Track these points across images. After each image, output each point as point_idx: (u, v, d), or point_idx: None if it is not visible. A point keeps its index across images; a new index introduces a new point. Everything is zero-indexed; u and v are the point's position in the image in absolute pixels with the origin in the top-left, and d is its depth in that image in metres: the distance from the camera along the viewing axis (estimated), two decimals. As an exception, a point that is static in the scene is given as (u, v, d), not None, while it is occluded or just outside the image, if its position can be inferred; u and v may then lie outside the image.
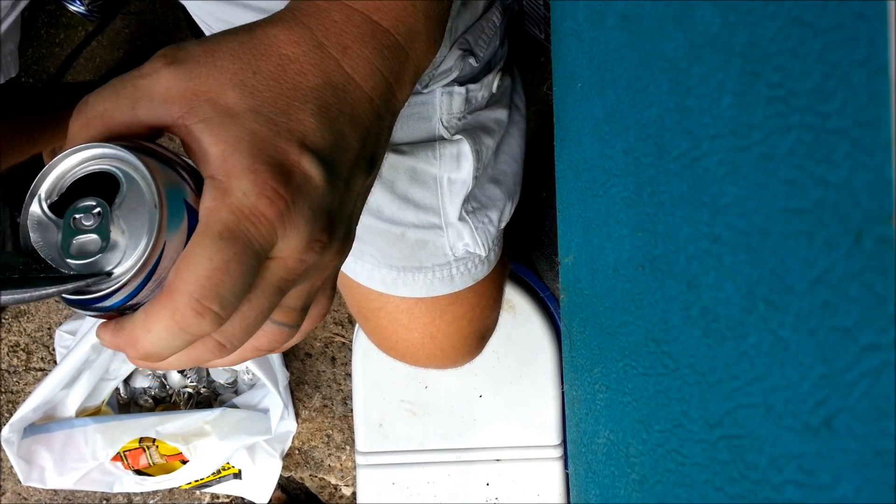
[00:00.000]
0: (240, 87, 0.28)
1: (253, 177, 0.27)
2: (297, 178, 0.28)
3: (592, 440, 0.44)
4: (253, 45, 0.29)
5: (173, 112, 0.28)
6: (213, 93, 0.28)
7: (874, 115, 0.18)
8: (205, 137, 0.28)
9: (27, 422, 0.93)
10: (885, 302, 0.18)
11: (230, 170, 0.27)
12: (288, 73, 0.29)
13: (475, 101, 0.53)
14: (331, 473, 1.10)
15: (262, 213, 0.27)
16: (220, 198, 0.27)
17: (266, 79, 0.29)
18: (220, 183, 0.27)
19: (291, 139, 0.28)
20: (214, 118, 0.28)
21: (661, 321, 0.32)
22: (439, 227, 0.55)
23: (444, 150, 0.53)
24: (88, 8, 1.00)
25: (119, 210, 0.27)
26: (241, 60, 0.29)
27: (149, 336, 0.27)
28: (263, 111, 0.28)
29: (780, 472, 0.23)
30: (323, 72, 0.30)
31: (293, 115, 0.29)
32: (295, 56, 0.29)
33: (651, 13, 0.31)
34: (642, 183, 0.34)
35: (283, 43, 0.30)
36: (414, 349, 0.63)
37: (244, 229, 0.27)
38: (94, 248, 0.27)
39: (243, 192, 0.27)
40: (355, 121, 0.31)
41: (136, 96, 0.28)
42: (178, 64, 0.28)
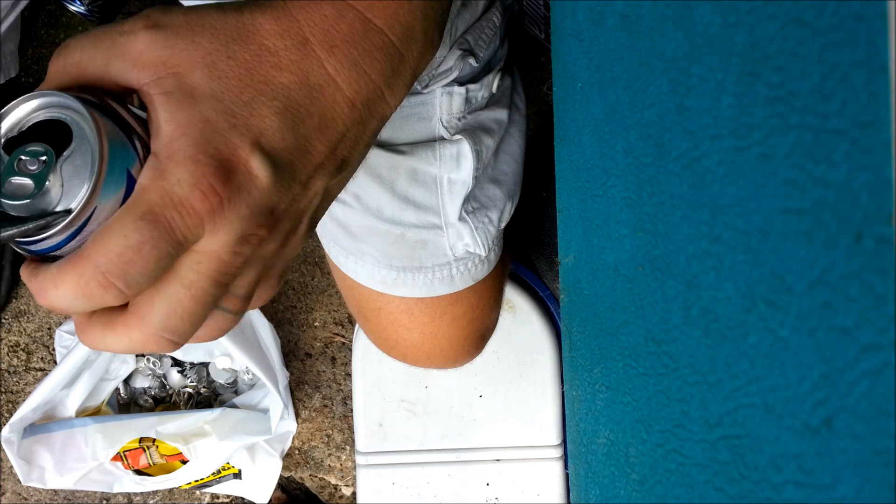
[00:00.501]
0: (209, 69, 0.27)
1: (192, 167, 0.26)
2: (239, 177, 0.27)
3: (592, 440, 0.44)
4: (235, 28, 0.28)
5: (141, 77, 0.28)
6: (181, 67, 0.27)
7: (874, 116, 0.18)
8: (161, 112, 0.27)
9: (27, 422, 0.93)
10: (884, 302, 0.18)
11: (173, 153, 0.27)
12: (263, 65, 0.28)
13: (475, 101, 0.53)
14: (331, 473, 1.10)
15: (191, 205, 0.26)
16: (154, 178, 0.27)
17: (238, 66, 0.28)
18: (160, 163, 0.27)
19: (245, 135, 0.27)
20: (175, 94, 0.27)
21: (661, 321, 0.32)
22: (439, 227, 0.55)
23: (444, 151, 0.53)
24: (88, 8, 1.00)
25: (64, 162, 0.27)
26: (219, 41, 0.28)
27: (55, 291, 0.27)
28: (225, 100, 0.27)
29: (780, 472, 0.23)
30: (301, 69, 0.29)
31: (255, 110, 0.28)
32: (275, 48, 0.28)
33: (651, 13, 0.31)
34: (642, 183, 0.34)
35: (266, 32, 0.28)
36: (414, 349, 0.63)
37: (168, 216, 0.26)
38: (28, 192, 0.27)
39: (178, 179, 0.26)
40: (326, 124, 0.30)
41: (111, 52, 0.28)
42: (157, 29, 0.28)
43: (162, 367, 1.04)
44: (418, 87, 0.51)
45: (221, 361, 1.03)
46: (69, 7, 1.01)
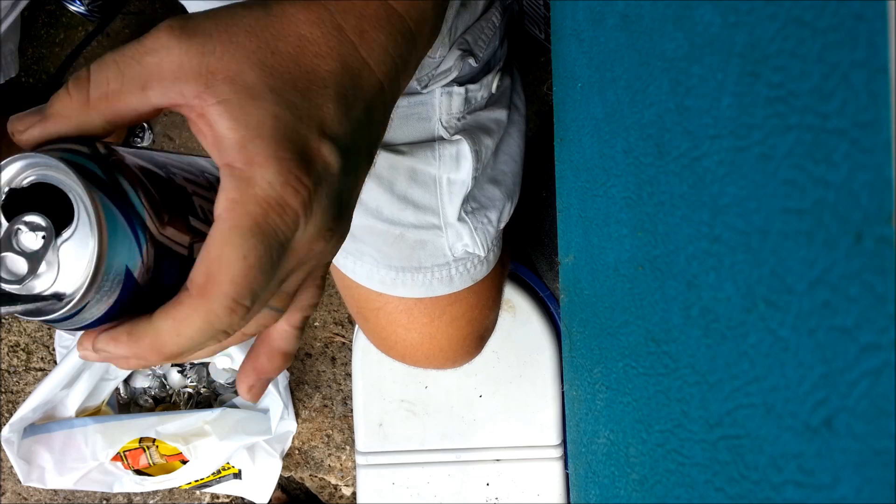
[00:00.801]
0: (259, 67, 0.26)
1: (278, 166, 0.26)
2: (318, 166, 0.27)
3: (592, 440, 0.44)
4: (270, 23, 0.27)
5: (187, 92, 0.26)
6: (231, 71, 0.26)
7: (874, 116, 0.18)
8: (223, 121, 0.26)
9: (27, 422, 0.93)
10: (884, 302, 0.18)
11: (252, 157, 0.26)
12: (307, 54, 0.28)
13: (474, 101, 0.53)
14: (331, 473, 1.10)
15: (288, 203, 0.26)
16: (243, 189, 0.26)
17: (286, 60, 0.27)
18: (242, 172, 0.26)
19: (312, 124, 0.27)
20: (234, 100, 0.26)
21: (661, 321, 0.32)
22: (438, 227, 0.55)
23: (444, 151, 0.53)
24: (88, 8, 1.00)
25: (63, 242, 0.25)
26: (259, 38, 0.27)
27: (177, 339, 0.26)
28: (285, 93, 0.27)
29: (780, 472, 0.23)
30: (340, 55, 0.28)
31: (313, 100, 0.27)
32: (314, 38, 0.28)
33: (651, 13, 0.31)
34: (642, 183, 0.34)
35: (301, 22, 0.28)
36: (413, 349, 0.63)
37: (272, 222, 0.26)
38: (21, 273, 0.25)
39: (268, 181, 0.26)
40: (369, 106, 0.30)
41: (144, 76, 0.26)
42: (188, 38, 0.26)
43: (162, 367, 1.04)
44: (418, 87, 0.51)
45: (221, 361, 1.03)
46: (69, 7, 1.01)
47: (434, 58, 0.50)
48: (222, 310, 0.26)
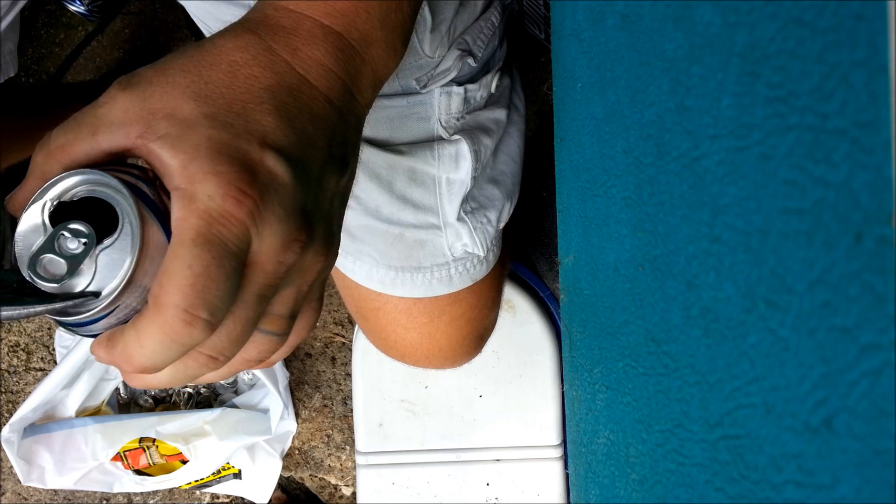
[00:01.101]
0: (194, 99, 0.28)
1: (216, 179, 0.27)
2: (262, 176, 0.28)
3: (592, 440, 0.44)
4: (202, 57, 0.29)
5: (131, 133, 0.28)
6: (168, 108, 0.28)
7: (874, 116, 0.18)
8: (164, 152, 0.27)
9: (27, 422, 0.93)
10: (884, 302, 0.18)
11: (192, 176, 0.27)
12: (239, 77, 0.29)
13: (474, 101, 0.53)
14: (331, 473, 1.10)
15: (231, 213, 0.27)
16: (186, 206, 0.27)
17: (218, 86, 0.29)
18: (185, 191, 0.27)
19: (251, 139, 0.28)
20: (172, 132, 0.28)
21: (661, 321, 0.32)
22: (438, 227, 0.55)
23: (443, 151, 0.53)
24: (88, 8, 1.00)
25: (103, 250, 0.27)
26: (192, 73, 0.29)
27: (142, 350, 0.27)
28: (219, 117, 0.28)
29: (780, 472, 0.23)
30: (274, 73, 0.29)
31: (250, 116, 0.28)
32: (244, 60, 0.29)
33: (651, 13, 0.31)
34: (642, 183, 0.34)
35: (230, 49, 0.29)
36: (412, 349, 0.63)
37: (216, 232, 0.26)
38: (60, 272, 0.27)
39: (208, 195, 0.27)
40: (316, 118, 0.30)
41: (95, 124, 0.28)
42: (132, 87, 0.28)
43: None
44: (417, 87, 0.51)
45: (221, 361, 1.03)
46: (69, 7, 1.01)
47: (433, 58, 0.50)
48: (176, 321, 0.26)
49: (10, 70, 0.77)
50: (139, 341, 0.27)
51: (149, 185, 0.28)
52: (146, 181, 0.28)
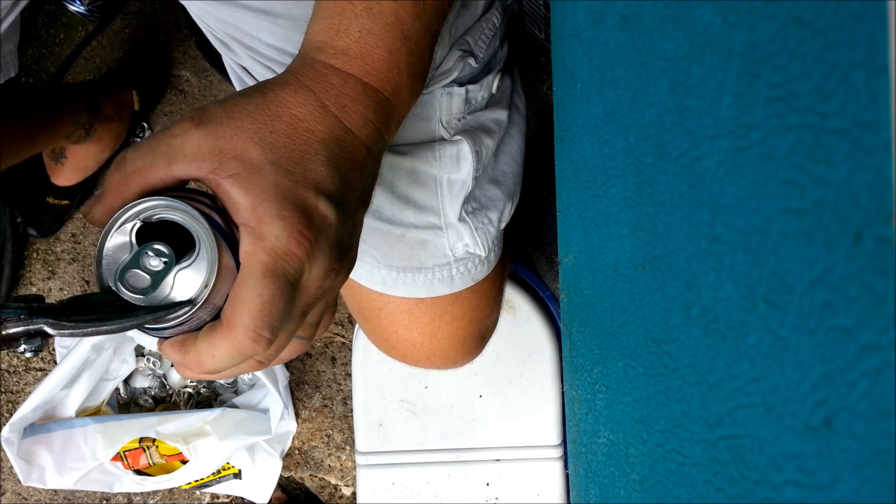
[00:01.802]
0: (260, 145, 0.33)
1: (282, 223, 0.32)
2: (316, 219, 0.33)
3: (592, 440, 0.44)
4: (266, 107, 0.34)
5: (204, 168, 0.33)
6: (237, 150, 0.33)
7: (874, 116, 0.18)
8: (235, 190, 0.32)
9: (27, 422, 0.93)
10: (884, 302, 0.18)
11: (261, 217, 0.32)
12: (298, 130, 0.34)
13: (475, 101, 0.53)
14: (331, 473, 1.10)
15: (292, 252, 0.32)
16: (256, 243, 0.32)
17: (281, 136, 0.34)
18: (254, 230, 0.32)
19: (308, 186, 0.33)
20: (242, 173, 0.33)
21: (661, 321, 0.32)
22: (439, 227, 0.55)
23: (444, 151, 0.53)
24: (88, 8, 1.00)
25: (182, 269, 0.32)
26: (259, 121, 0.34)
27: (213, 360, 0.33)
28: (282, 164, 0.33)
29: (780, 472, 0.23)
30: (327, 127, 0.35)
31: (307, 166, 0.34)
32: (303, 115, 0.35)
33: (651, 13, 0.31)
34: (642, 183, 0.34)
35: (291, 104, 0.35)
36: (414, 349, 0.63)
37: (280, 267, 0.32)
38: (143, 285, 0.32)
39: (275, 236, 0.32)
40: (356, 165, 0.36)
41: (170, 154, 0.33)
42: (204, 125, 0.33)
43: (162, 367, 1.04)
44: (418, 88, 0.51)
45: (221, 361, 1.03)
46: (69, 7, 1.01)
47: (434, 59, 0.50)
48: (245, 339, 0.32)
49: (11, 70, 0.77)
50: (211, 352, 0.32)
51: (219, 214, 0.33)
52: (216, 210, 0.33)
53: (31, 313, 0.29)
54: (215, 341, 0.32)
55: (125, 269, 0.32)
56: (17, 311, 0.29)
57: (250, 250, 0.32)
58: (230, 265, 0.33)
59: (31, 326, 0.29)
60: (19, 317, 0.29)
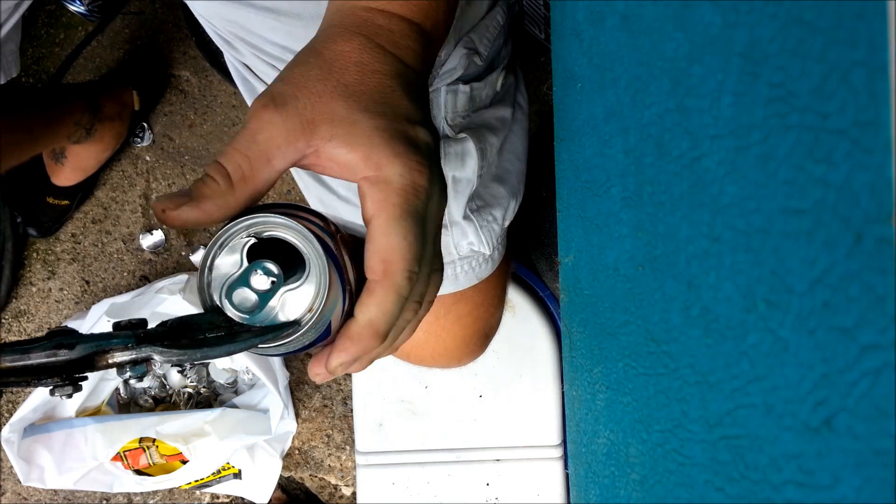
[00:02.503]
0: (344, 100, 0.33)
1: (400, 160, 0.32)
2: (422, 147, 0.33)
3: (592, 440, 0.44)
4: (331, 65, 0.33)
5: (300, 147, 0.32)
6: (324, 114, 0.32)
7: (874, 115, 0.18)
8: (340, 151, 0.32)
9: (27, 422, 0.93)
10: (885, 302, 0.18)
11: (378, 163, 0.32)
12: (368, 73, 0.34)
13: (479, 99, 0.53)
14: (331, 473, 1.10)
15: (419, 184, 0.32)
16: (384, 188, 0.32)
17: (357, 85, 0.33)
18: (376, 178, 0.32)
19: (403, 120, 0.33)
20: (339, 132, 0.32)
21: (661, 321, 0.32)
22: (444, 225, 0.55)
23: (449, 149, 0.53)
24: (88, 8, 1.00)
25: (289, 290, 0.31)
26: (330, 81, 0.33)
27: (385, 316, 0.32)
28: (371, 109, 0.33)
29: (780, 472, 0.23)
30: (391, 65, 0.35)
31: (392, 102, 0.33)
32: (367, 60, 0.34)
33: (651, 13, 0.31)
34: (642, 183, 0.34)
35: (351, 53, 0.34)
36: (418, 348, 0.63)
37: (412, 203, 0.32)
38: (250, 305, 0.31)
39: (399, 174, 0.32)
40: (422, 92, 0.36)
41: (266, 152, 0.32)
42: (282, 107, 0.32)
43: (162, 367, 1.04)
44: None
45: (221, 361, 1.03)
46: (69, 7, 1.01)
47: (439, 56, 0.50)
48: (403, 281, 0.32)
49: (13, 70, 0.77)
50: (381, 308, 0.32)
51: (330, 236, 0.33)
52: (328, 233, 0.33)
53: (138, 341, 0.28)
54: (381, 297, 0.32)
55: (232, 286, 0.30)
56: (124, 339, 0.28)
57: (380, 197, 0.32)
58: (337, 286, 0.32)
59: (139, 355, 0.28)
60: (126, 346, 0.28)
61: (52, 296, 1.10)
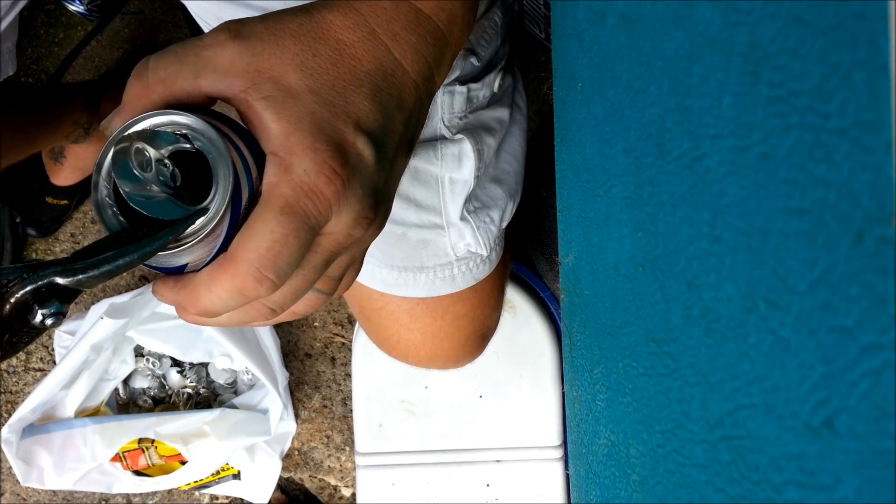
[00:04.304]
0: (301, 69, 0.30)
1: (314, 155, 0.29)
2: (352, 158, 0.30)
3: (593, 441, 0.44)
4: (312, 28, 0.31)
5: (235, 85, 0.29)
6: (275, 71, 0.29)
7: (874, 115, 0.18)
8: (267, 114, 0.29)
9: (26, 422, 0.93)
10: (885, 302, 0.18)
11: (292, 147, 0.29)
12: (344, 57, 0.31)
13: (476, 100, 0.53)
14: (330, 474, 1.10)
15: (320, 190, 0.29)
16: (281, 174, 0.29)
17: (325, 62, 0.30)
18: (282, 160, 0.29)
19: (348, 120, 0.30)
20: (276, 96, 0.29)
21: (662, 321, 0.32)
22: (441, 226, 0.55)
23: (446, 150, 0.53)
24: (88, 8, 1.00)
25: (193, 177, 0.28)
26: (302, 42, 0.30)
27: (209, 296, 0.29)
28: (322, 93, 0.30)
29: (781, 473, 0.23)
30: (375, 57, 0.31)
31: (350, 98, 0.30)
32: (351, 41, 0.31)
33: (651, 13, 0.31)
34: (643, 183, 0.34)
35: (339, 28, 0.31)
36: (415, 349, 0.63)
37: (303, 205, 0.29)
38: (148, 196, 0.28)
39: (304, 169, 0.29)
40: (402, 104, 0.32)
41: (199, 66, 0.29)
42: (242, 39, 0.29)
43: (161, 367, 1.04)
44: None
45: (221, 362, 1.03)
46: (68, 7, 1.01)
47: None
48: (247, 277, 0.28)
49: (10, 69, 0.77)
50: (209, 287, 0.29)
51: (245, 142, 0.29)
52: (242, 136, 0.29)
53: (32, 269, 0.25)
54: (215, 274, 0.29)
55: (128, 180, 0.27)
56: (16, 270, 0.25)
57: (274, 181, 0.29)
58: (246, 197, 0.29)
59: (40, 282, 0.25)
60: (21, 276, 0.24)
61: (52, 296, 1.10)
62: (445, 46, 0.34)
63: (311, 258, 0.30)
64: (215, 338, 0.94)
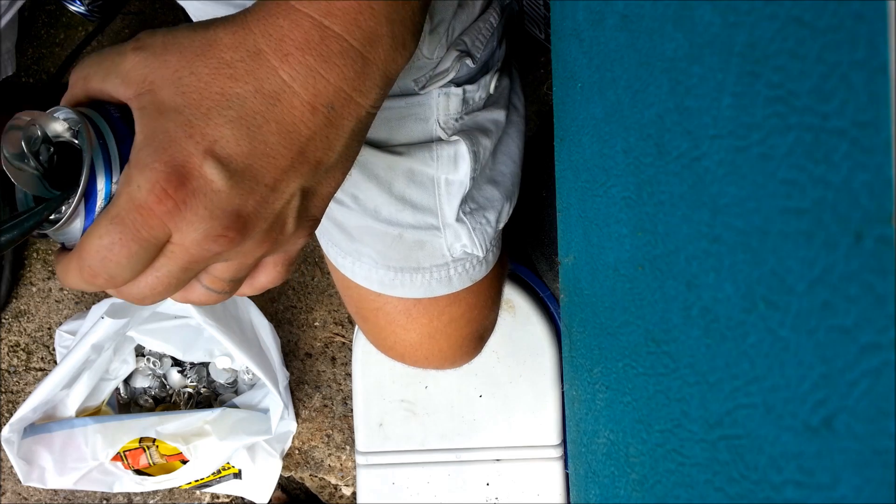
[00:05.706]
0: (175, 85, 0.30)
1: (148, 174, 0.30)
2: (194, 182, 0.30)
3: (592, 440, 0.44)
4: (198, 45, 0.31)
5: (127, 92, 0.31)
6: (155, 85, 0.31)
7: (874, 115, 0.18)
8: (137, 124, 0.31)
9: (27, 422, 0.93)
10: (884, 302, 0.18)
11: (137, 161, 0.30)
12: (219, 77, 0.30)
13: (472, 102, 0.53)
14: (331, 473, 1.10)
15: (150, 207, 0.30)
16: (123, 185, 0.31)
17: (198, 81, 0.30)
18: (128, 171, 0.31)
19: (199, 144, 0.30)
20: (148, 109, 0.31)
21: (661, 321, 0.32)
22: (437, 227, 0.55)
23: (442, 152, 0.53)
24: (88, 8, 1.00)
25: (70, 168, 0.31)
26: (185, 59, 0.31)
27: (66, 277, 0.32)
28: (186, 112, 0.30)
29: (780, 472, 0.23)
30: (255, 79, 0.30)
31: (211, 120, 0.30)
32: (231, 61, 0.30)
33: (651, 13, 0.31)
34: (642, 183, 0.34)
35: (223, 46, 0.31)
36: (412, 349, 0.63)
37: (132, 219, 0.30)
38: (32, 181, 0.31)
39: (138, 185, 0.30)
40: (287, 129, 0.31)
41: (107, 70, 0.32)
42: (140, 50, 0.31)
43: (162, 366, 1.04)
44: (415, 88, 0.51)
45: (221, 361, 1.03)
46: (69, 7, 1.01)
47: (431, 59, 0.50)
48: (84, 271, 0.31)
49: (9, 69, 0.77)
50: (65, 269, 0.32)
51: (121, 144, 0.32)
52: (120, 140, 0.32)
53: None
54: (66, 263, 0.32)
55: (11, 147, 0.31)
56: None
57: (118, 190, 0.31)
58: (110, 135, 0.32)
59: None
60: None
61: (52, 296, 1.10)
62: (366, 66, 0.32)
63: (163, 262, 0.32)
64: (216, 337, 0.95)
